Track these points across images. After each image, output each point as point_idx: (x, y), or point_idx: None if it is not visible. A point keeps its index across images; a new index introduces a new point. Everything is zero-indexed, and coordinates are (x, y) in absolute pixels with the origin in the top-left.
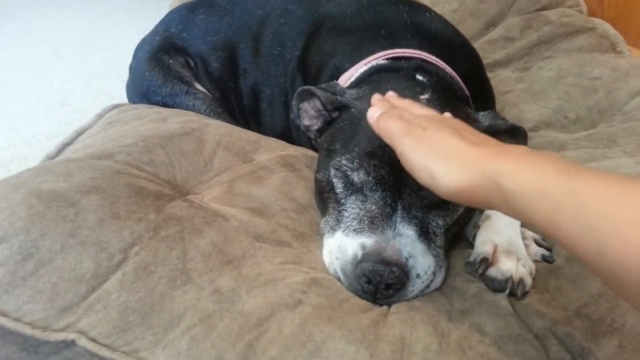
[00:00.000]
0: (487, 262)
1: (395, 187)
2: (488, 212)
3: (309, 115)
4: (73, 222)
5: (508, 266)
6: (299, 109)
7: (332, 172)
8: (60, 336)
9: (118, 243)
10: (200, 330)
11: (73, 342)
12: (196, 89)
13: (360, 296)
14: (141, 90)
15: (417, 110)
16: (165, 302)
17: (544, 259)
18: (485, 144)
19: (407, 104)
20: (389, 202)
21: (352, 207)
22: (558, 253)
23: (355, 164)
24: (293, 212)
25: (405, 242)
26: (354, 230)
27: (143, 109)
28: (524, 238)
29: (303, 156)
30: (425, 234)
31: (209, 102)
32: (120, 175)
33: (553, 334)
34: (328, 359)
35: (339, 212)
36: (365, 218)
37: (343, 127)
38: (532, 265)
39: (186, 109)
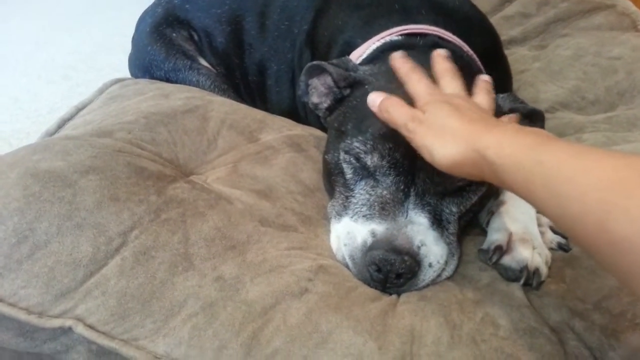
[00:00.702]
0: (501, 250)
1: (410, 172)
2: (503, 197)
3: (318, 92)
4: (70, 204)
5: (523, 255)
6: (307, 85)
7: (342, 154)
8: (56, 322)
9: (117, 226)
10: (202, 318)
11: (70, 329)
12: (200, 64)
13: (369, 284)
14: (143, 65)
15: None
16: (166, 289)
17: (560, 246)
18: (481, 119)
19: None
20: (402, 187)
21: (362, 192)
22: None
23: (368, 146)
24: (299, 194)
25: (418, 229)
26: (363, 216)
27: (145, 84)
28: (539, 225)
29: (311, 136)
30: (438, 222)
31: (213, 78)
32: (120, 154)
33: (570, 328)
34: (335, 351)
35: (348, 196)
36: (376, 204)
37: (356, 105)
38: (548, 253)
39: (190, 85)
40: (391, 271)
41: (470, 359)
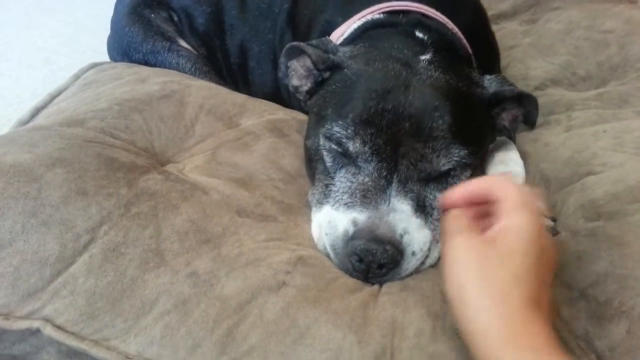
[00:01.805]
0: None
1: (392, 158)
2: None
3: (298, 74)
4: (35, 200)
5: None
6: (287, 67)
7: (322, 140)
8: (24, 324)
9: (85, 222)
10: (175, 316)
11: (38, 330)
12: (180, 45)
13: (350, 275)
14: (121, 47)
15: None
16: (136, 287)
17: (548, 230)
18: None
19: None
20: (384, 174)
21: (343, 180)
22: (563, 225)
23: (349, 131)
24: (280, 182)
25: (400, 217)
26: (344, 204)
27: (122, 68)
28: None
29: (293, 120)
30: (421, 208)
31: (194, 60)
32: (90, 144)
33: (556, 316)
34: (313, 346)
35: (328, 184)
36: (357, 191)
37: (335, 89)
38: None
39: (169, 68)
40: (373, 261)
41: (452, 351)
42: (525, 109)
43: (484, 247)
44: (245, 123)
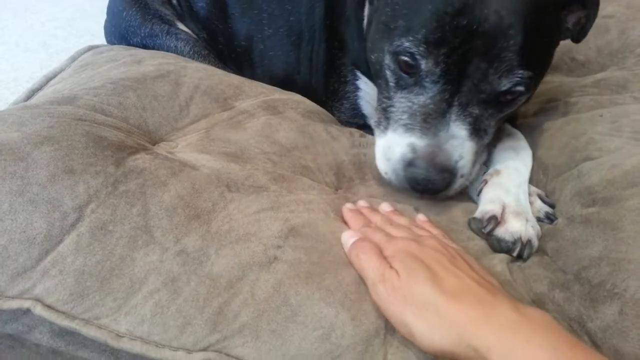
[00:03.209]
0: (496, 220)
1: (457, 79)
2: (498, 166)
3: None
4: (22, 179)
5: (517, 227)
6: None
7: (387, 58)
8: (14, 304)
9: (72, 200)
10: (164, 295)
11: (29, 310)
12: (178, 28)
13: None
14: (119, 32)
15: (394, 230)
16: (125, 265)
17: (547, 216)
18: (464, 295)
19: (381, 220)
20: (447, 97)
21: (403, 100)
22: (560, 211)
23: (422, 49)
24: (275, 154)
25: (457, 144)
26: (403, 126)
27: (119, 50)
28: (529, 194)
29: (290, 100)
30: (476, 131)
31: (192, 43)
32: (79, 122)
33: (550, 300)
34: (305, 324)
35: (388, 106)
36: (417, 114)
37: None
38: (538, 227)
39: (168, 51)
40: (430, 188)
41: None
42: (587, 11)
43: None
44: (241, 105)
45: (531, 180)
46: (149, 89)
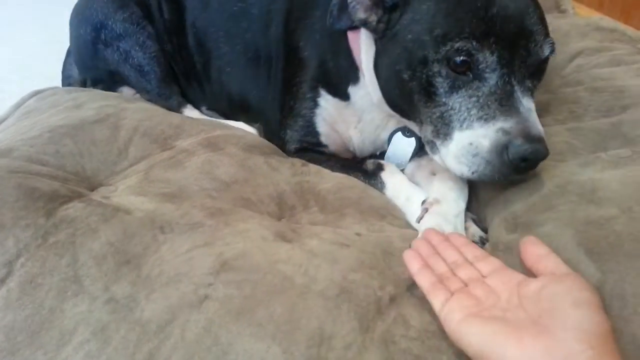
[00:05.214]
0: None
1: (509, 61)
2: (437, 195)
3: (363, 6)
4: None
5: None
6: (346, 4)
7: (437, 65)
8: None
9: (2, 256)
10: (94, 345)
11: None
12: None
13: (505, 178)
14: (92, 23)
15: (463, 266)
16: (55, 317)
17: (481, 240)
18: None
19: (450, 251)
20: (507, 79)
21: (465, 97)
22: (490, 236)
23: (475, 44)
24: (214, 190)
25: (534, 115)
26: (478, 119)
27: (62, 94)
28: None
29: (231, 136)
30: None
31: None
32: (12, 175)
33: None
34: None
35: (443, 113)
36: (489, 103)
37: (429, 7)
38: None
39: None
40: (538, 159)
41: None
42: None
43: None
44: (181, 144)
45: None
46: (87, 134)
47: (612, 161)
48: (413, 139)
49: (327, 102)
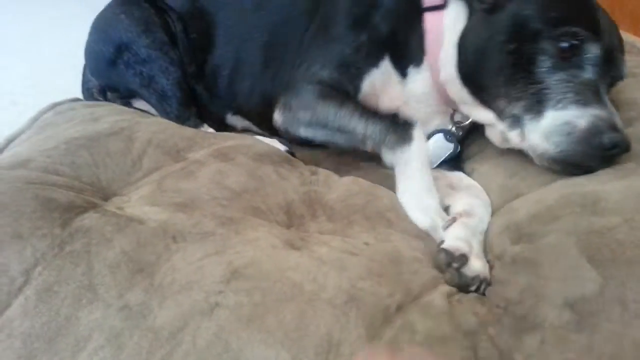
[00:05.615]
0: (465, 258)
1: (605, 64)
2: (467, 208)
3: None
4: None
5: (478, 267)
6: None
7: (547, 42)
8: None
9: (19, 265)
10: (108, 351)
11: None
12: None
13: (589, 165)
14: (114, 43)
15: None
16: (70, 325)
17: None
18: None
19: None
20: (600, 77)
21: (563, 80)
22: (490, 247)
23: (589, 34)
24: (224, 199)
25: (615, 114)
26: (575, 102)
27: (80, 108)
28: None
29: (242, 146)
30: None
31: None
32: (29, 186)
33: (484, 332)
34: None
35: (540, 89)
36: (586, 91)
37: None
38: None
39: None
40: (626, 149)
41: None
42: None
43: None
44: (193, 156)
45: None
46: (102, 146)
47: (616, 173)
48: (452, 145)
49: (386, 69)
